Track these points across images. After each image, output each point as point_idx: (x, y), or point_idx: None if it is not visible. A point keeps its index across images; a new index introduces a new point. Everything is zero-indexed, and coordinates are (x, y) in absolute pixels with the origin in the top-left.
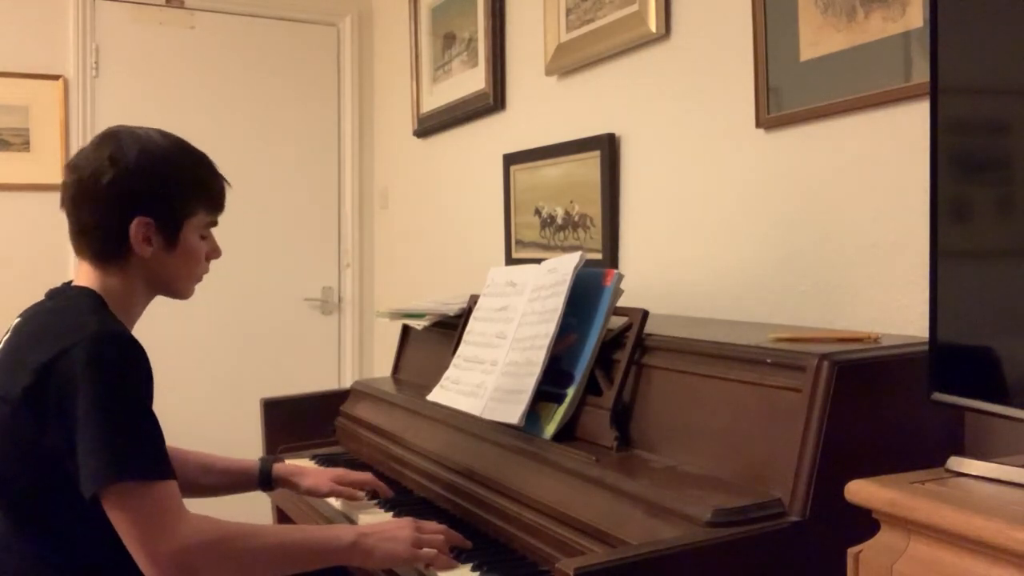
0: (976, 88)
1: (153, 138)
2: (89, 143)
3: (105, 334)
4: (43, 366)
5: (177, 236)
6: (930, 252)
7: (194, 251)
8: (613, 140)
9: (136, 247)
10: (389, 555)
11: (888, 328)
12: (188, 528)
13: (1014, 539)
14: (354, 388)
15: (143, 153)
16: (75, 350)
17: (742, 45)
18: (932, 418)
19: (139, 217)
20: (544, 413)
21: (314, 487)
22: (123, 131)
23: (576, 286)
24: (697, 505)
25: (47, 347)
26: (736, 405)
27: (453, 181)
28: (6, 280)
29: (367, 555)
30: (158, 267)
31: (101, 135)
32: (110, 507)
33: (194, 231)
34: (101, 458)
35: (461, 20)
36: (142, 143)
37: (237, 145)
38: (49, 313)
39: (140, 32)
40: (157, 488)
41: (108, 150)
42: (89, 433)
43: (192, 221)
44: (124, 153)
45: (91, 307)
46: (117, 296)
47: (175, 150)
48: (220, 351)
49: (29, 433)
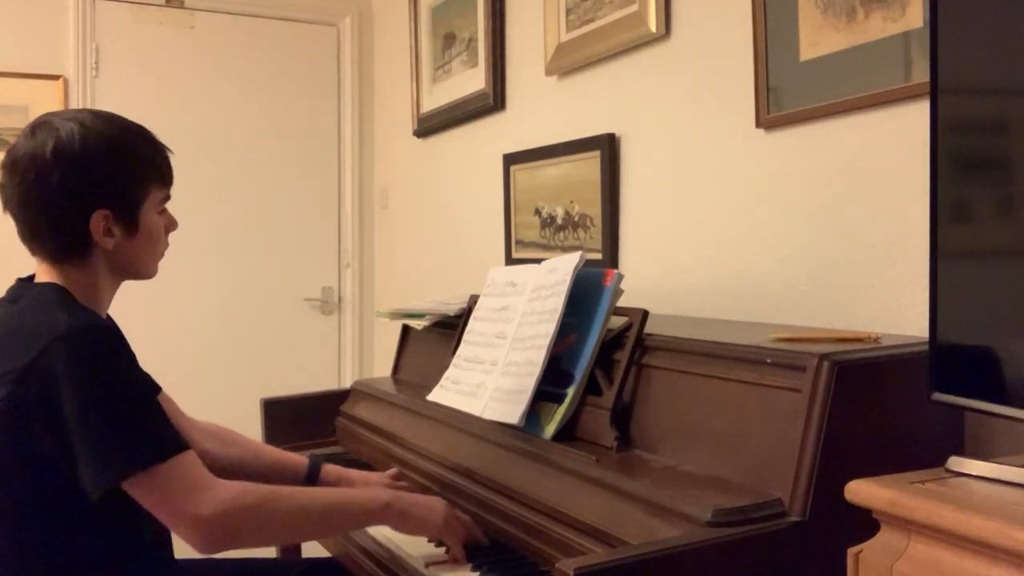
0: (976, 88)
1: (89, 124)
2: (21, 137)
3: (77, 328)
4: (19, 373)
5: (137, 220)
6: (930, 252)
7: (155, 230)
8: (613, 140)
9: (99, 240)
10: (423, 521)
11: (888, 328)
12: (225, 491)
13: (1014, 539)
14: (354, 388)
15: (86, 142)
16: (50, 350)
17: (742, 45)
18: (932, 418)
19: (98, 211)
20: (544, 413)
21: None
22: (56, 119)
23: (576, 286)
24: (697, 505)
25: (19, 353)
26: (736, 405)
27: (453, 181)
28: (6, 280)
29: (402, 517)
30: (122, 255)
31: (31, 126)
32: (137, 495)
33: (151, 210)
34: (106, 455)
35: (461, 20)
36: (81, 131)
37: (237, 145)
38: (14, 316)
39: (140, 32)
40: (175, 463)
41: (48, 143)
42: (87, 433)
43: (147, 202)
44: (66, 145)
45: (58, 302)
46: (83, 288)
47: (116, 132)
48: (220, 351)
49: (19, 444)
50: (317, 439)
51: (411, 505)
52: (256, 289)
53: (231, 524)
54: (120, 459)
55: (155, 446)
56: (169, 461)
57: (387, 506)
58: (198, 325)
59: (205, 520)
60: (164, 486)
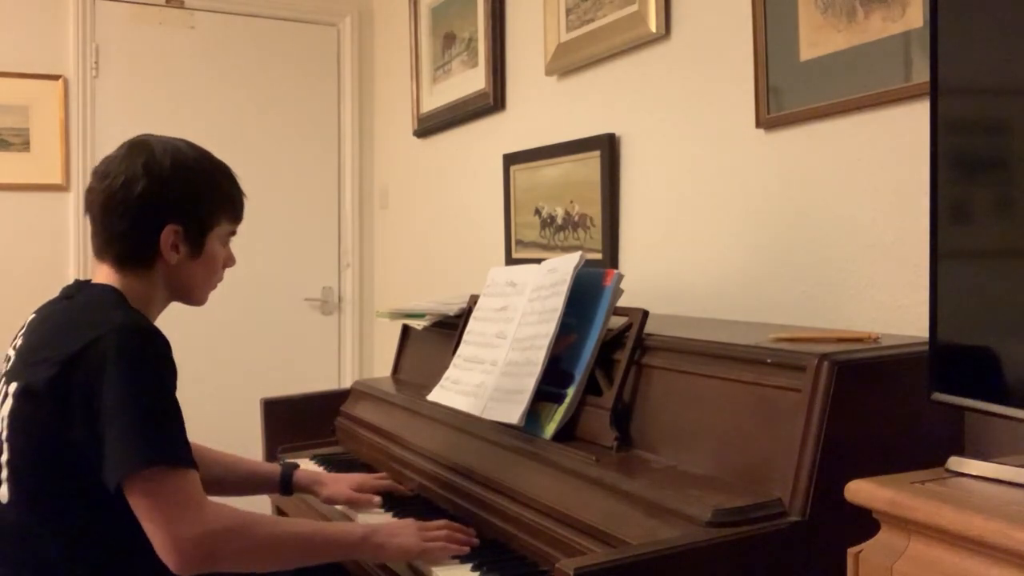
0: (976, 88)
1: (183, 149)
2: (117, 150)
3: (131, 325)
4: (70, 357)
5: (203, 244)
6: (930, 252)
7: (215, 259)
8: (613, 140)
9: (164, 253)
10: (401, 549)
11: (888, 328)
12: (210, 515)
13: (1014, 539)
14: (354, 388)
15: (176, 163)
16: (102, 341)
17: (742, 45)
18: (932, 418)
19: (170, 224)
20: (544, 413)
21: (333, 496)
22: (153, 140)
23: (576, 286)
24: (697, 505)
25: (73, 339)
26: (736, 405)
27: (453, 181)
28: (6, 280)
29: (379, 549)
30: (181, 273)
31: (130, 143)
32: (134, 494)
33: (217, 239)
34: (129, 446)
35: (461, 20)
36: (174, 153)
37: (237, 145)
38: (71, 309)
39: (140, 32)
40: (181, 475)
41: (142, 158)
42: (117, 422)
43: (216, 230)
44: (158, 162)
45: (115, 302)
46: (137, 298)
47: (204, 161)
48: (220, 351)
49: (53, 426)
50: (317, 439)
51: (387, 536)
52: (256, 289)
53: (208, 547)
54: (141, 452)
55: (173, 453)
56: (177, 472)
57: (363, 539)
58: (198, 325)
59: (185, 540)
60: (162, 494)
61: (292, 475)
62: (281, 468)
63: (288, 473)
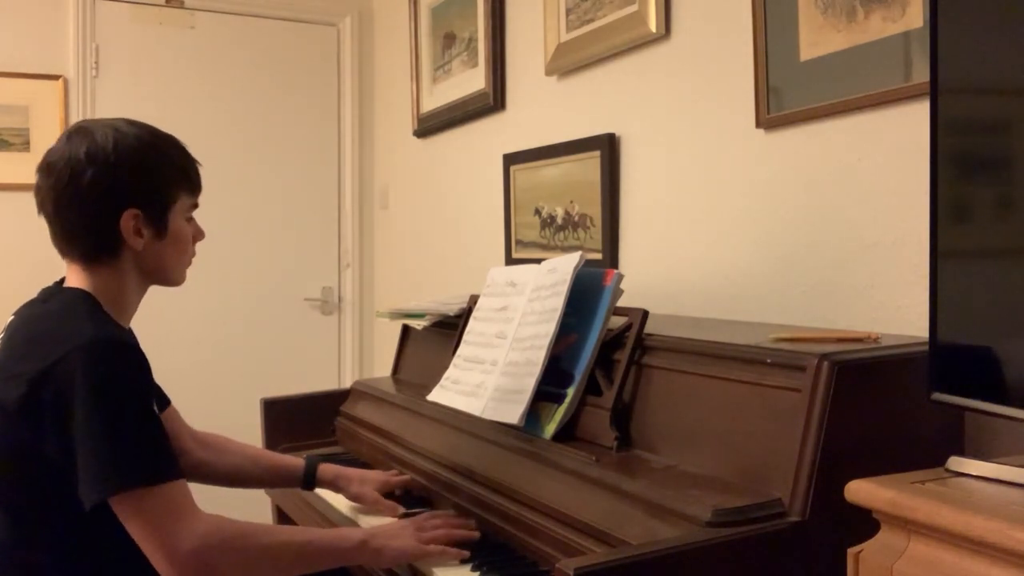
0: (976, 88)
1: (123, 128)
2: (57, 142)
3: (99, 340)
4: (38, 375)
5: (166, 223)
6: (930, 252)
7: (183, 235)
8: (613, 140)
9: (128, 240)
10: (399, 552)
11: (888, 328)
12: (204, 526)
13: (1014, 539)
14: (354, 388)
15: (119, 145)
16: (69, 358)
17: (742, 45)
18: (932, 418)
19: (127, 210)
20: (544, 413)
21: (360, 496)
22: (92, 125)
23: (576, 286)
24: (697, 505)
25: (41, 355)
26: (736, 405)
27: (453, 181)
28: (6, 279)
29: (377, 554)
30: (150, 257)
31: (68, 132)
32: (122, 514)
33: (179, 215)
34: (103, 468)
35: (461, 20)
36: (115, 135)
37: (237, 145)
38: (42, 318)
39: (140, 32)
40: (165, 490)
41: (83, 147)
42: (89, 443)
43: (176, 206)
44: (100, 147)
45: (86, 311)
46: (111, 293)
47: (148, 137)
48: (220, 351)
49: (27, 442)
50: (317, 439)
51: (385, 540)
52: (256, 289)
53: (206, 559)
54: (114, 475)
55: (150, 470)
56: (159, 487)
57: (361, 543)
58: (198, 325)
59: (182, 554)
60: (150, 510)
61: (317, 468)
62: (305, 462)
63: (312, 467)
